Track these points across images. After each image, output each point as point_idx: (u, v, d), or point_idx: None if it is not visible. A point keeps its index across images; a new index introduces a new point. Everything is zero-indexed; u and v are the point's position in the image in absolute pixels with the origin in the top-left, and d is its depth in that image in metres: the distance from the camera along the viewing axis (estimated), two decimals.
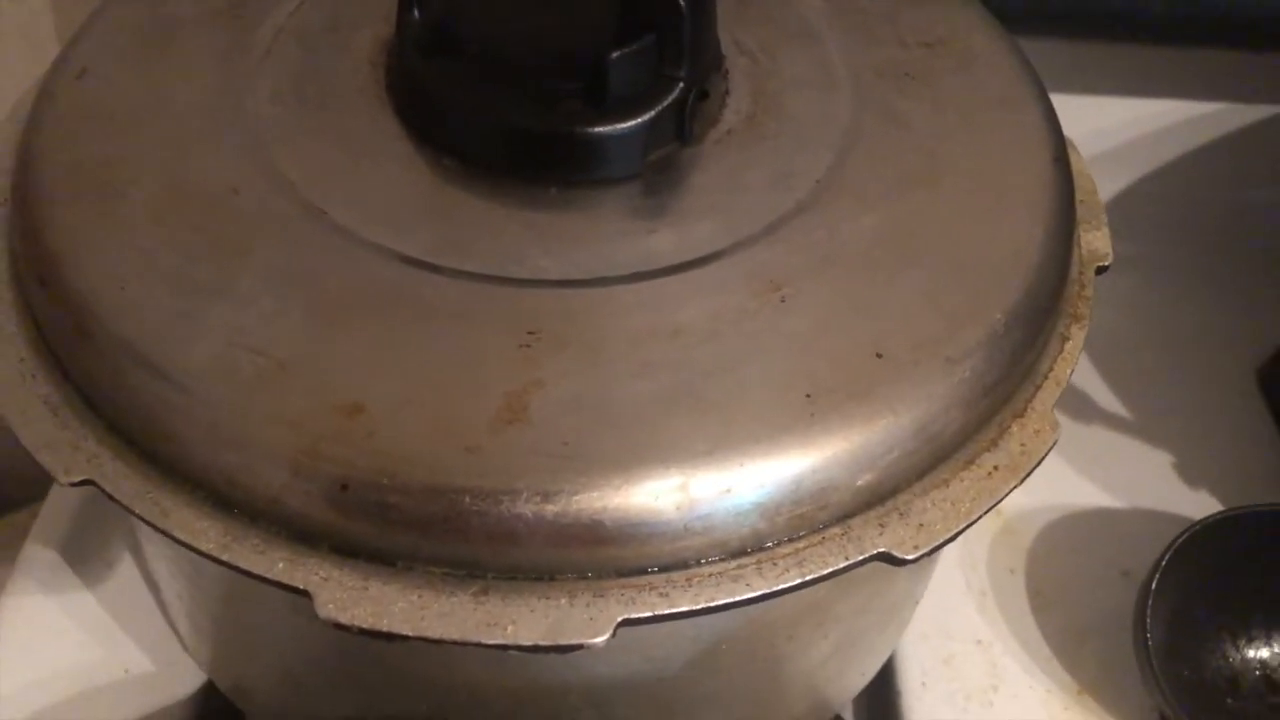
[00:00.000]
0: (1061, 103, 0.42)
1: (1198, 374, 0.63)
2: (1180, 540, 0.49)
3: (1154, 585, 0.48)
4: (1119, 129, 0.66)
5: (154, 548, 0.40)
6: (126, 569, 0.52)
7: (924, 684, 0.51)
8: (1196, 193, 0.68)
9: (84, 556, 0.53)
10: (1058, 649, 0.52)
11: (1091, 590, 0.54)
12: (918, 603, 0.46)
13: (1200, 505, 0.56)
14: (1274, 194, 0.68)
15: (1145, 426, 0.61)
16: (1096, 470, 0.58)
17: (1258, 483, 0.58)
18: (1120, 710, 0.50)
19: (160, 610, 0.50)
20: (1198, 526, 0.50)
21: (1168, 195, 0.68)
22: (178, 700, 0.48)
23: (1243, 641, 0.51)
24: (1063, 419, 0.61)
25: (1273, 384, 0.62)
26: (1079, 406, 0.61)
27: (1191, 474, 0.59)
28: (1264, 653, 0.51)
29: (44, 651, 0.50)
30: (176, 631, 0.48)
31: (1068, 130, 0.41)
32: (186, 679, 0.49)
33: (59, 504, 0.54)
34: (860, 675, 0.45)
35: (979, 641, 0.52)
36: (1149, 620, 0.47)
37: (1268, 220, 0.68)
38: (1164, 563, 0.49)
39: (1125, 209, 0.67)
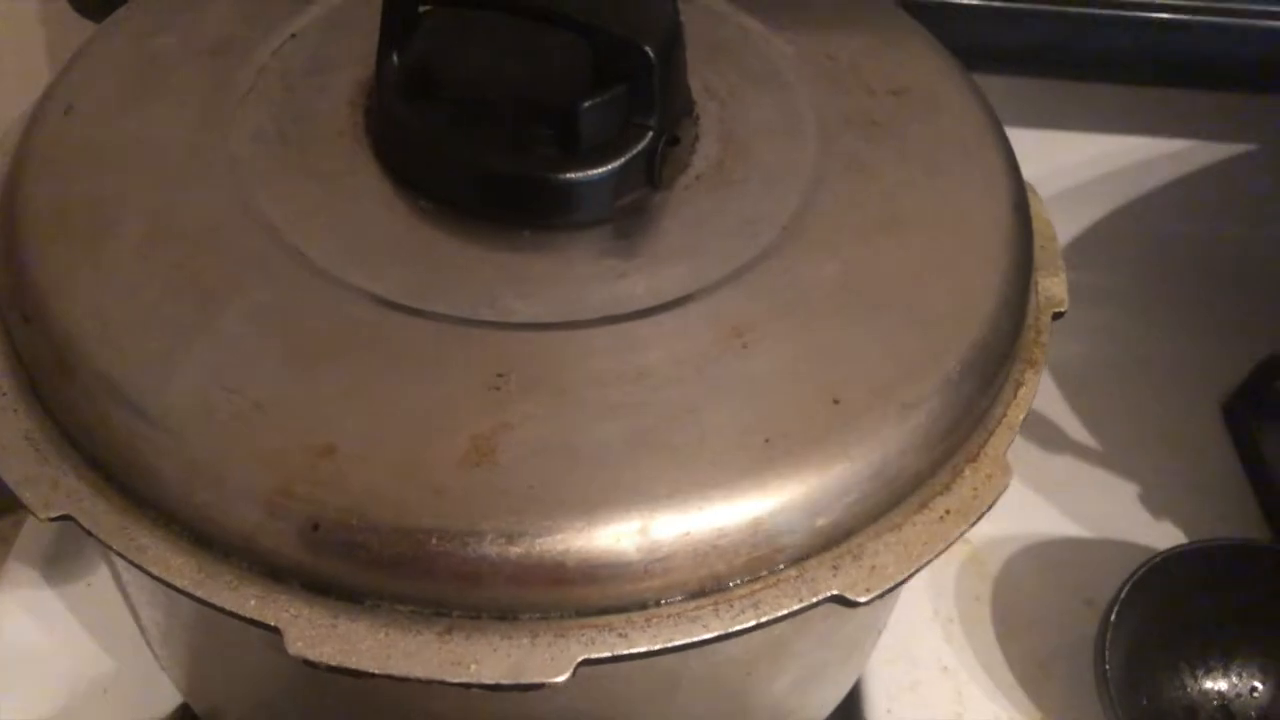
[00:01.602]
0: (1029, 138, 0.43)
1: (1164, 406, 0.64)
2: (1140, 572, 0.50)
3: (1113, 616, 0.49)
4: (1086, 165, 0.67)
5: (132, 576, 0.40)
6: (106, 588, 0.53)
7: (890, 710, 0.51)
8: (1163, 228, 0.69)
9: (64, 575, 0.53)
10: (1022, 676, 0.53)
11: (1056, 618, 0.55)
12: (880, 632, 0.47)
13: (1165, 536, 0.58)
14: (1239, 230, 0.69)
15: (1112, 457, 0.62)
16: (1063, 500, 0.60)
17: (1222, 514, 0.60)
18: None
19: (140, 631, 0.51)
20: (1158, 559, 0.51)
21: (1135, 230, 0.69)
22: (156, 719, 0.49)
23: (1201, 672, 0.52)
24: (1031, 449, 0.62)
25: (1237, 417, 0.63)
26: (1047, 437, 0.62)
27: (1157, 505, 0.60)
28: (1222, 684, 0.52)
29: (23, 670, 0.50)
30: (154, 654, 0.48)
31: (1034, 166, 0.42)
32: (164, 698, 0.49)
33: (39, 523, 0.55)
34: (822, 706, 0.46)
35: (945, 668, 0.53)
36: (1107, 650, 0.48)
37: (1234, 255, 0.69)
38: (1123, 594, 0.50)
39: (1093, 244, 0.69)
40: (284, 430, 0.31)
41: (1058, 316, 0.40)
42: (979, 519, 0.34)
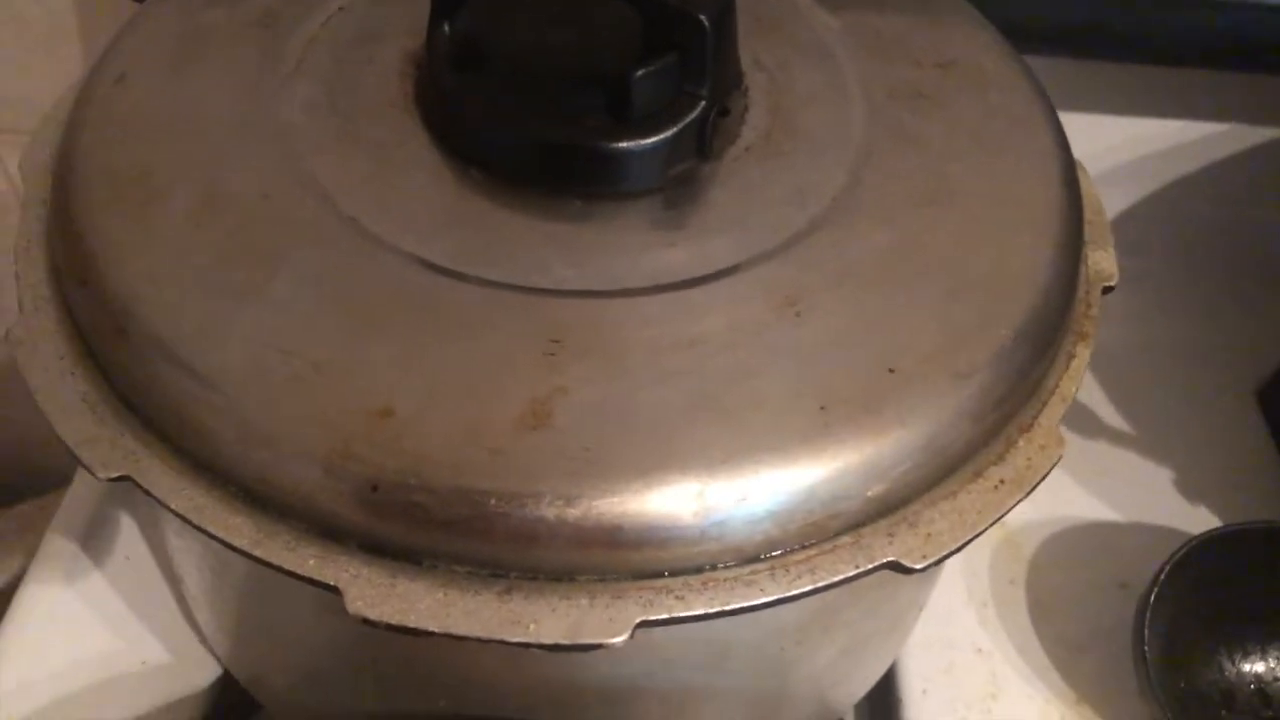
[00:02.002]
0: (1068, 121, 0.43)
1: (1199, 392, 0.64)
2: (1178, 555, 0.50)
3: (1152, 598, 0.49)
4: (1124, 147, 0.67)
5: (179, 542, 0.41)
6: (145, 562, 0.53)
7: (925, 691, 0.52)
8: (1200, 212, 0.69)
9: (103, 549, 0.54)
10: (1056, 659, 0.53)
11: (1090, 602, 0.55)
12: (921, 610, 0.47)
13: (1199, 521, 0.57)
14: (1276, 215, 0.69)
15: (1147, 442, 0.62)
16: (1098, 484, 0.60)
17: (1256, 499, 0.59)
18: None
19: (178, 603, 0.51)
20: (1195, 542, 0.51)
21: (1172, 214, 0.69)
22: (194, 692, 0.49)
23: (1238, 655, 0.52)
24: (1066, 433, 0.62)
25: (1272, 403, 0.63)
26: (1082, 421, 0.62)
27: (1191, 490, 0.60)
28: (1259, 667, 0.52)
29: (62, 642, 0.51)
30: (195, 624, 0.49)
31: (1073, 148, 0.42)
32: (203, 671, 0.50)
33: (79, 496, 0.55)
34: (864, 680, 0.46)
35: (979, 650, 0.53)
36: (1147, 632, 0.48)
37: (1270, 241, 0.69)
38: (1162, 576, 0.50)
39: (1130, 227, 0.69)
40: (342, 392, 0.31)
41: (1108, 290, 0.40)
42: (1034, 489, 0.34)
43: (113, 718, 0.49)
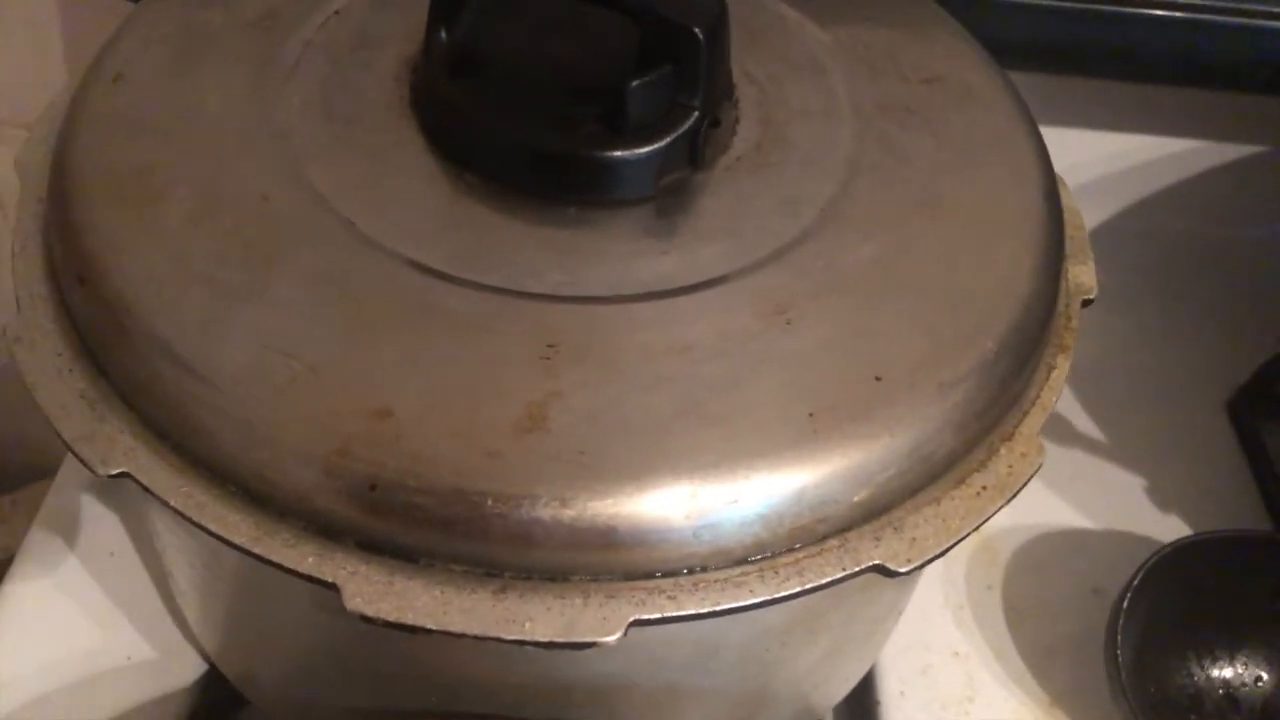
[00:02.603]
0: (1045, 135, 0.44)
1: (1170, 403, 0.65)
2: (1151, 561, 0.51)
3: (1125, 604, 0.50)
4: (1095, 163, 0.68)
5: (172, 538, 0.41)
6: (129, 557, 0.53)
7: (903, 693, 0.52)
8: (1174, 228, 0.70)
9: (88, 544, 0.54)
10: (1031, 663, 0.54)
11: (1064, 607, 0.56)
12: (900, 614, 0.48)
13: (1171, 529, 0.59)
14: (1249, 232, 0.70)
15: (1120, 452, 0.63)
16: (1072, 492, 0.61)
17: (1226, 508, 0.61)
18: None
19: (164, 599, 0.51)
20: (1168, 549, 0.52)
21: (1146, 229, 0.70)
22: (179, 687, 0.50)
23: (1207, 661, 0.53)
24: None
25: (1242, 414, 0.64)
26: (1058, 430, 0.63)
27: (1163, 498, 0.61)
28: (1227, 672, 0.53)
29: (47, 637, 0.51)
30: (182, 620, 0.49)
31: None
32: (188, 666, 0.50)
33: (64, 492, 0.55)
34: (845, 682, 0.46)
35: (956, 654, 0.54)
36: (1120, 637, 0.49)
37: (1242, 256, 0.70)
38: (1135, 583, 0.51)
39: (1104, 242, 0.69)
40: (340, 393, 0.32)
41: (1087, 304, 0.41)
42: (1015, 495, 0.35)
43: (98, 714, 0.49)
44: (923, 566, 0.32)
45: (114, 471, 0.32)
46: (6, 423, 0.72)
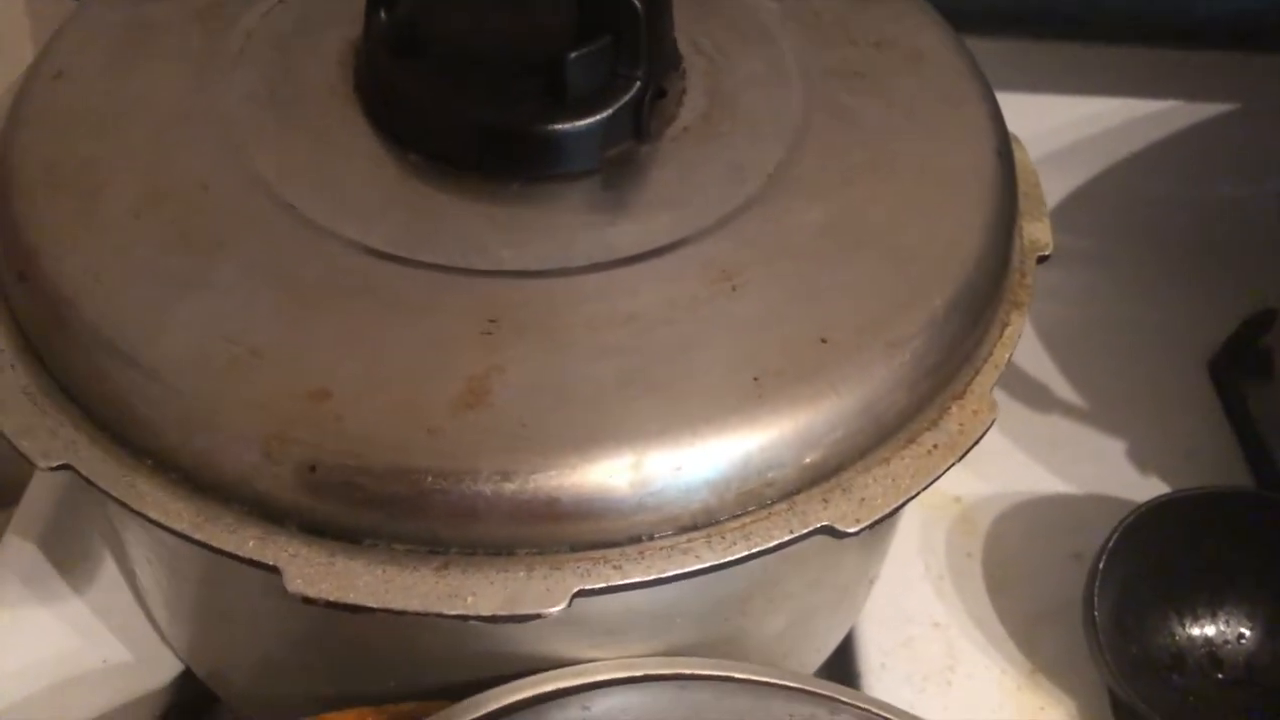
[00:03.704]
0: (1017, 101, 0.43)
1: (1150, 365, 0.65)
2: (1127, 522, 0.51)
3: (1101, 565, 0.50)
4: (1073, 127, 0.67)
5: (131, 534, 0.41)
6: (103, 561, 0.53)
7: (883, 665, 0.52)
8: (1150, 189, 0.70)
9: (62, 548, 0.53)
10: (1012, 631, 0.54)
11: (1045, 574, 0.56)
12: (872, 583, 0.47)
13: (1152, 491, 0.58)
14: (1225, 190, 0.70)
15: (1099, 415, 0.62)
16: (1052, 457, 0.60)
17: (1207, 469, 0.60)
18: (1072, 688, 0.52)
19: (137, 600, 0.51)
20: (1144, 508, 0.51)
21: (1122, 192, 0.70)
22: (155, 689, 0.49)
23: (1188, 620, 0.53)
24: (1019, 408, 0.63)
25: (1222, 375, 0.64)
26: (1035, 396, 0.63)
27: (1143, 461, 0.60)
28: (1209, 630, 0.53)
29: (22, 642, 0.50)
30: (154, 620, 0.49)
31: (1022, 128, 0.42)
32: (163, 668, 0.50)
33: (37, 497, 0.55)
34: (816, 652, 0.46)
35: (937, 624, 0.54)
36: (1096, 599, 0.49)
37: (1219, 216, 0.70)
38: (1111, 544, 0.50)
39: (1081, 205, 0.69)
40: (280, 376, 0.32)
41: (1043, 260, 0.40)
42: (966, 453, 0.34)
43: (74, 717, 0.49)
44: (872, 526, 0.32)
45: (55, 464, 0.32)
46: None
